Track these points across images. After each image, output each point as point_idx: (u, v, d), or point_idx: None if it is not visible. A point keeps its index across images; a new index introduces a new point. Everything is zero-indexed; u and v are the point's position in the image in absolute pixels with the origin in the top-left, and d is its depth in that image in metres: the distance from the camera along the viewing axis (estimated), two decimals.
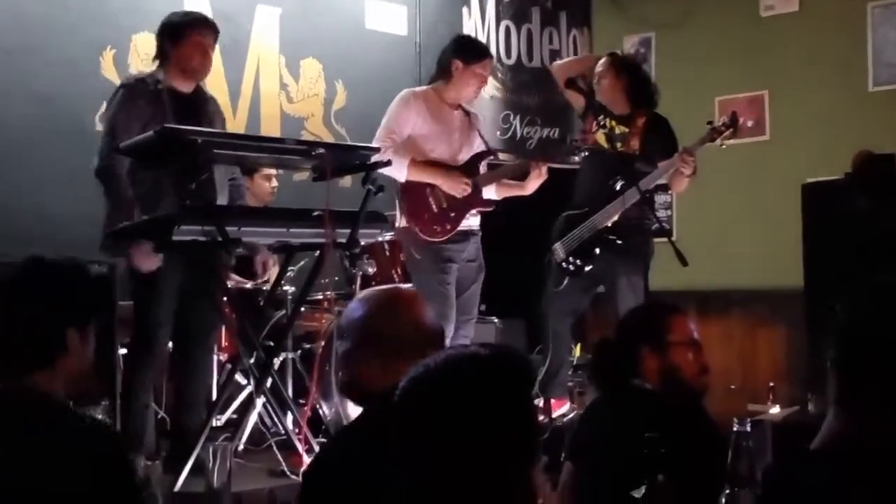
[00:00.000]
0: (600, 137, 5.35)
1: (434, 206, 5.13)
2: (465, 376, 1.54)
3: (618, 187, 5.18)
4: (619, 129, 5.38)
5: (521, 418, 1.56)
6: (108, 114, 4.36)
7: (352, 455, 2.22)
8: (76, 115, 5.59)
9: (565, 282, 5.36)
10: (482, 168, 5.30)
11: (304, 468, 3.48)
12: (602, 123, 5.30)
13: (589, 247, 5.29)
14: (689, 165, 5.12)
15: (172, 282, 4.31)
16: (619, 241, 5.24)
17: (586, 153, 5.43)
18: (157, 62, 4.47)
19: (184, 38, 4.38)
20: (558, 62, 6.01)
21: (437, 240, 5.10)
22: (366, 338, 2.40)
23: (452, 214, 5.14)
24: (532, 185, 5.29)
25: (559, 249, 5.37)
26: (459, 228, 5.15)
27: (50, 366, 2.15)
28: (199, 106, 4.49)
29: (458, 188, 5.12)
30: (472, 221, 5.23)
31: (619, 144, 5.30)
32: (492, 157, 5.42)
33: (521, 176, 5.33)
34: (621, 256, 5.25)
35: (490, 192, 5.33)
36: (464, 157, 5.25)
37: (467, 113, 5.31)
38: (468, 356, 1.58)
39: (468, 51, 5.23)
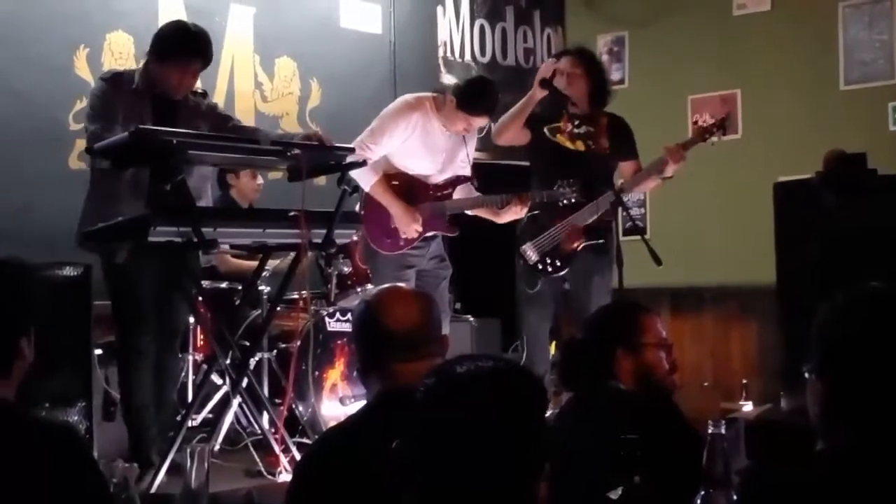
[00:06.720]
0: (562, 139, 5.29)
1: (392, 222, 5.06)
2: (486, 390, 1.56)
3: (603, 187, 5.13)
4: (583, 128, 5.31)
5: (536, 433, 1.58)
6: (91, 103, 4.31)
7: (345, 448, 2.25)
8: (50, 114, 5.57)
9: (539, 284, 5.30)
10: (457, 193, 5.22)
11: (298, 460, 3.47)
12: (577, 125, 5.26)
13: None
14: (678, 162, 5.11)
15: (151, 275, 4.29)
16: (601, 241, 5.20)
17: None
18: (141, 62, 4.41)
19: (167, 60, 4.28)
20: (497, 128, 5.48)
21: (384, 251, 5.08)
22: (356, 336, 2.47)
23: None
24: (507, 217, 5.19)
25: (530, 251, 5.30)
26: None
27: (7, 375, 2.14)
28: (175, 105, 4.42)
29: (407, 229, 5.02)
30: None
31: (590, 143, 5.26)
32: (470, 183, 5.28)
33: (500, 204, 5.17)
34: (595, 255, 5.23)
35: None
36: (443, 176, 5.18)
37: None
38: (488, 370, 1.60)
39: (463, 98, 4.99)
